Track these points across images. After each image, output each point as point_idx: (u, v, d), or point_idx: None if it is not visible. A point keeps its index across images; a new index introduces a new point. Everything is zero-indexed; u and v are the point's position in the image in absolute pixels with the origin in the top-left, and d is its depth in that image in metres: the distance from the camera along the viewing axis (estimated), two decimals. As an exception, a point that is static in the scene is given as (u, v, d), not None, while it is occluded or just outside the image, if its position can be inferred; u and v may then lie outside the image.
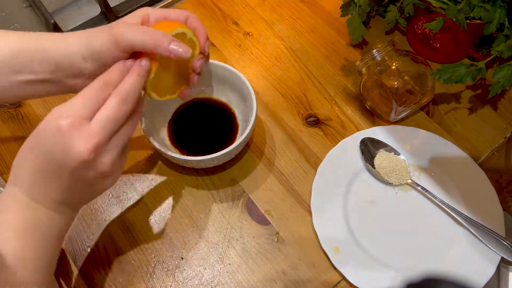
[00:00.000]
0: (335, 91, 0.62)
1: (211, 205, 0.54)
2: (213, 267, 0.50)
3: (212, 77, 0.56)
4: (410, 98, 0.55)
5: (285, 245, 0.51)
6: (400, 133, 0.58)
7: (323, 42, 0.67)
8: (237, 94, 0.56)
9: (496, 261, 0.49)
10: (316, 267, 0.50)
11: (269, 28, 0.68)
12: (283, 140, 0.58)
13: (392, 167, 0.54)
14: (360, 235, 0.51)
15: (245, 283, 0.49)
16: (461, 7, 0.51)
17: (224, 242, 0.52)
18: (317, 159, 0.57)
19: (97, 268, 0.50)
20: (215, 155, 0.49)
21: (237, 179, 0.56)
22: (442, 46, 0.61)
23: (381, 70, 0.55)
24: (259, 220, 0.53)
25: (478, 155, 0.57)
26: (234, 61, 0.65)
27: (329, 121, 0.60)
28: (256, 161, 0.57)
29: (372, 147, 0.56)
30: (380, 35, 0.67)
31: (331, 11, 0.69)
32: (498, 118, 0.60)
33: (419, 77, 0.55)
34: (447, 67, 0.53)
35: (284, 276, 0.50)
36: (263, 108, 0.61)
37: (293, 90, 0.62)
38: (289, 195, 0.54)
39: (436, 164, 0.55)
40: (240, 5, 0.71)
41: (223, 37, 0.68)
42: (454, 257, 0.50)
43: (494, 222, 0.51)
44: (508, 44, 0.51)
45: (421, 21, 0.60)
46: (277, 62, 0.65)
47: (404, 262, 0.50)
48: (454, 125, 0.59)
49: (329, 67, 0.64)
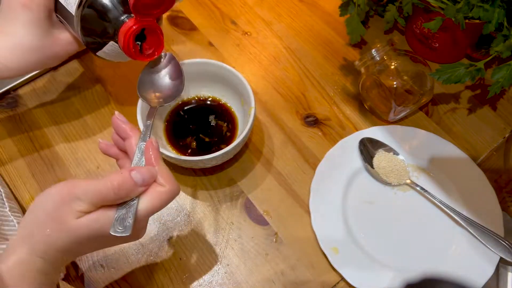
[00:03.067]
0: (334, 91, 0.62)
1: (210, 206, 0.54)
2: (211, 268, 0.50)
3: (210, 76, 0.56)
4: (409, 98, 0.55)
5: (283, 246, 0.51)
6: (399, 133, 0.57)
7: (321, 41, 0.67)
8: (235, 94, 0.56)
9: (495, 261, 0.49)
10: (314, 267, 0.50)
11: (268, 28, 0.68)
12: (281, 140, 0.58)
13: (391, 167, 0.54)
14: (359, 236, 0.51)
15: (243, 284, 0.49)
16: (460, 6, 0.51)
17: (223, 243, 0.51)
18: (316, 159, 0.56)
19: (95, 269, 0.50)
20: (213, 155, 0.48)
21: (235, 179, 0.55)
22: (441, 46, 0.61)
23: (380, 70, 0.55)
24: (258, 220, 0.53)
25: (477, 155, 0.57)
26: (233, 60, 0.65)
27: (328, 121, 0.60)
28: (255, 161, 0.57)
29: (371, 147, 0.56)
30: (379, 34, 0.67)
31: (330, 10, 0.69)
32: (497, 118, 0.59)
33: (418, 77, 0.55)
34: (446, 67, 0.53)
35: (283, 277, 0.49)
36: (261, 108, 0.61)
37: (292, 90, 0.62)
38: (287, 195, 0.54)
39: (435, 164, 0.55)
40: (238, 4, 0.71)
41: (221, 36, 0.67)
42: (453, 257, 0.50)
43: (493, 222, 0.51)
44: (507, 44, 0.51)
45: (420, 20, 0.60)
46: (276, 61, 0.65)
47: (403, 262, 0.50)
48: (453, 125, 0.59)
49: (328, 67, 0.64)
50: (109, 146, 0.43)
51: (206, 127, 0.57)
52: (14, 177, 0.56)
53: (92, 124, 0.59)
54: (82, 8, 0.45)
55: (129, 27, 0.44)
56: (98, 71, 0.64)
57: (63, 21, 0.49)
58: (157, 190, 0.37)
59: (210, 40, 0.67)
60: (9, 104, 0.61)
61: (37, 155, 0.57)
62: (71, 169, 0.56)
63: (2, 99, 0.61)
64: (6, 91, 0.61)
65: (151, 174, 0.37)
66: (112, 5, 0.45)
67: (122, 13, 0.46)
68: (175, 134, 0.56)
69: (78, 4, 0.45)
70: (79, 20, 0.46)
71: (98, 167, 0.56)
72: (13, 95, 0.62)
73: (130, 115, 0.60)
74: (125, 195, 0.36)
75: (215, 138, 0.56)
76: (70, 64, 0.64)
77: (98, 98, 0.62)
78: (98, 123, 0.60)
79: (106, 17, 0.46)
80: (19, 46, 0.47)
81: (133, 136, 0.40)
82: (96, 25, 0.46)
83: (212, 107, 0.58)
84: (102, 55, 0.49)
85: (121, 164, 0.43)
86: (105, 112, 0.60)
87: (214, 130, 0.57)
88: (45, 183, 0.55)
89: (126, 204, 0.36)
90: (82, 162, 0.57)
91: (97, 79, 0.63)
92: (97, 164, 0.57)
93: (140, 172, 0.36)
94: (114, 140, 0.43)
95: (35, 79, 0.63)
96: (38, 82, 0.63)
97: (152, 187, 0.37)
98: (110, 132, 0.59)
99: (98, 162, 0.57)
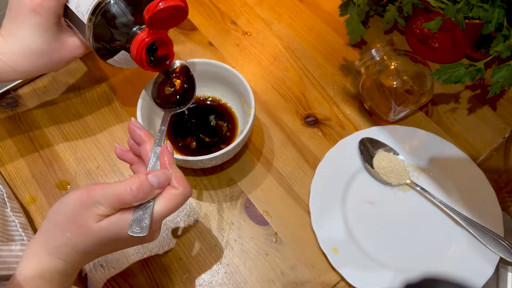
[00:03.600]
0: (334, 91, 0.62)
1: (210, 206, 0.54)
2: (211, 268, 0.50)
3: (210, 76, 0.56)
4: (409, 98, 0.55)
5: (283, 246, 0.51)
6: (399, 133, 0.57)
7: (321, 41, 0.67)
8: (235, 94, 0.56)
9: (494, 261, 0.49)
10: (314, 267, 0.50)
11: (268, 28, 0.68)
12: (281, 140, 0.58)
13: (391, 167, 0.54)
14: (359, 236, 0.51)
15: (243, 284, 0.49)
16: (460, 6, 0.51)
17: (223, 243, 0.51)
18: (316, 159, 0.56)
19: (95, 269, 0.50)
20: (213, 155, 0.48)
21: (235, 180, 0.55)
22: (441, 46, 0.61)
23: (380, 70, 0.55)
24: (258, 220, 0.53)
25: (477, 155, 0.57)
26: (233, 60, 0.65)
27: (328, 121, 0.60)
28: (255, 161, 0.57)
29: (371, 147, 0.56)
30: (379, 34, 0.67)
31: (330, 10, 0.69)
32: (497, 118, 0.59)
33: (418, 77, 0.55)
34: (446, 68, 0.53)
35: (283, 277, 0.49)
36: (261, 108, 0.61)
37: (292, 90, 0.62)
38: (287, 195, 0.54)
39: (435, 164, 0.55)
40: (238, 4, 0.71)
41: (221, 36, 0.67)
42: (452, 257, 0.50)
43: (493, 222, 0.51)
44: (507, 44, 0.51)
45: (420, 20, 0.60)
46: (276, 61, 0.65)
47: (403, 262, 0.50)
48: (453, 125, 0.59)
49: (327, 67, 0.64)
50: (125, 152, 0.44)
51: (206, 127, 0.57)
52: (14, 177, 0.56)
53: (92, 124, 0.59)
54: (95, 18, 0.45)
55: (141, 40, 0.45)
56: (98, 71, 0.64)
57: (71, 26, 0.49)
58: (171, 192, 0.39)
59: (210, 40, 0.67)
60: (9, 104, 0.61)
61: (37, 155, 0.57)
62: (71, 169, 0.56)
63: (2, 99, 0.61)
64: (6, 91, 0.61)
65: (166, 177, 0.39)
66: (124, 15, 0.45)
67: (134, 24, 0.46)
68: (175, 134, 0.56)
69: (90, 14, 0.45)
70: (92, 29, 0.46)
71: (98, 167, 0.56)
72: (13, 95, 0.62)
73: (130, 115, 0.60)
74: (142, 197, 0.37)
75: (215, 138, 0.56)
76: (70, 65, 0.64)
77: (98, 98, 0.62)
78: (98, 123, 0.60)
79: (118, 27, 0.46)
80: (27, 50, 0.47)
81: (148, 142, 0.42)
82: (107, 34, 0.46)
83: (212, 107, 0.58)
84: (112, 62, 0.49)
85: (135, 169, 0.44)
86: (105, 112, 0.60)
87: (214, 130, 0.57)
88: (45, 183, 0.55)
89: (142, 206, 0.38)
90: (82, 162, 0.57)
91: (97, 79, 0.63)
92: (97, 164, 0.57)
93: (156, 175, 0.38)
94: (129, 145, 0.44)
95: (35, 79, 0.63)
96: (38, 82, 0.63)
97: (166, 190, 0.39)
98: (110, 132, 0.59)
99: (98, 162, 0.57)
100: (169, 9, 0.41)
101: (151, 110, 0.53)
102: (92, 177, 0.56)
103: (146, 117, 0.52)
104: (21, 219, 0.49)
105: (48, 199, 0.54)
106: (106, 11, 0.45)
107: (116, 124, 0.59)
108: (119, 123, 0.60)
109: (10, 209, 0.49)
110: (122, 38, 0.46)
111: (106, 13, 0.45)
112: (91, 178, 0.56)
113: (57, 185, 0.55)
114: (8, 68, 0.48)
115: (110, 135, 0.59)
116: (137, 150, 0.43)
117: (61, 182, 0.55)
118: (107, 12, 0.45)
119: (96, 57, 0.65)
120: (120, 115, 0.60)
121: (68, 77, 0.63)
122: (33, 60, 0.48)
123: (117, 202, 0.37)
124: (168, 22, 0.44)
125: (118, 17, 0.45)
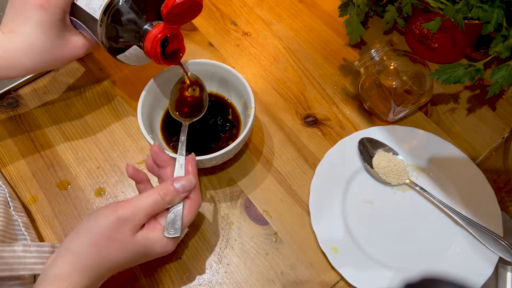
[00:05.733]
0: (333, 91, 0.62)
1: (210, 205, 0.54)
2: (211, 267, 0.50)
3: (210, 76, 0.56)
4: (408, 98, 0.55)
5: (283, 245, 0.51)
6: (398, 133, 0.58)
7: (321, 42, 0.67)
8: (235, 94, 0.56)
9: (494, 261, 0.49)
10: (314, 267, 0.50)
11: (268, 28, 0.68)
12: (281, 140, 0.58)
13: (390, 167, 0.54)
14: (358, 235, 0.51)
15: (243, 284, 0.49)
16: (459, 7, 0.51)
17: (223, 242, 0.52)
18: (316, 159, 0.57)
19: (95, 268, 0.50)
20: (213, 155, 0.49)
21: (235, 179, 0.56)
22: (440, 46, 0.61)
23: (379, 70, 0.55)
24: (258, 220, 0.53)
25: (476, 155, 0.57)
26: (233, 61, 0.65)
27: (327, 121, 0.60)
28: (255, 161, 0.57)
29: (370, 147, 0.56)
30: (378, 35, 0.67)
31: (330, 11, 0.69)
32: (496, 118, 0.60)
33: (418, 77, 0.55)
34: (445, 68, 0.54)
35: (282, 276, 0.50)
36: (261, 108, 0.61)
37: (292, 90, 0.62)
38: (287, 195, 0.54)
39: (434, 164, 0.55)
40: (238, 4, 0.71)
41: (221, 37, 0.67)
42: (452, 257, 0.50)
43: (492, 222, 0.51)
44: (506, 44, 0.51)
45: (419, 21, 0.60)
46: (276, 62, 0.65)
47: (403, 262, 0.50)
48: (452, 125, 0.59)
49: (327, 67, 0.64)
50: (137, 171, 0.46)
51: (205, 127, 0.57)
52: (15, 177, 0.56)
53: (92, 124, 0.60)
54: (109, 13, 0.45)
55: (156, 34, 0.46)
56: (98, 71, 0.64)
57: (78, 24, 0.49)
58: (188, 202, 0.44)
59: (210, 41, 0.67)
60: (9, 104, 0.61)
61: (38, 155, 0.57)
62: (71, 169, 0.56)
63: (2, 99, 0.61)
64: (7, 91, 0.61)
65: (190, 182, 0.43)
66: (137, 11, 0.46)
67: (146, 19, 0.46)
68: (175, 134, 0.56)
69: (104, 9, 0.45)
70: (105, 25, 0.46)
71: (98, 167, 0.57)
72: (13, 95, 0.62)
73: (130, 115, 0.60)
74: (170, 200, 0.42)
75: (214, 138, 0.56)
76: (71, 65, 0.64)
77: (99, 98, 0.62)
78: (99, 123, 0.60)
79: (131, 23, 0.46)
80: (29, 47, 0.47)
81: (170, 165, 0.45)
82: (120, 30, 0.46)
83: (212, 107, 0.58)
84: (122, 58, 0.49)
85: (141, 188, 0.46)
86: (106, 112, 0.60)
87: (213, 130, 0.57)
88: (45, 183, 0.55)
89: (172, 208, 0.43)
90: (82, 162, 0.57)
91: (97, 79, 0.63)
92: (98, 164, 0.57)
93: (180, 182, 0.43)
94: (148, 166, 0.46)
95: (36, 79, 0.63)
96: (39, 82, 0.63)
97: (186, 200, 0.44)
98: (110, 131, 0.59)
99: (98, 162, 0.57)
100: (186, 4, 0.43)
101: (151, 110, 0.54)
102: (92, 177, 0.56)
103: (147, 117, 0.52)
104: (24, 218, 0.49)
105: (49, 198, 0.54)
106: (119, 7, 0.45)
107: (116, 124, 0.60)
108: (119, 122, 0.60)
109: (13, 209, 0.49)
110: (135, 34, 0.47)
111: (119, 9, 0.45)
112: (92, 178, 0.56)
113: (58, 184, 0.55)
114: (9, 65, 0.47)
115: (110, 134, 0.59)
116: (156, 171, 0.46)
117: (61, 181, 0.56)
118: (121, 8, 0.45)
119: (96, 57, 0.65)
120: (121, 115, 0.60)
121: (68, 77, 0.63)
122: (34, 58, 0.48)
123: (151, 208, 0.41)
124: (184, 16, 0.46)
125: (130, 12, 0.46)
